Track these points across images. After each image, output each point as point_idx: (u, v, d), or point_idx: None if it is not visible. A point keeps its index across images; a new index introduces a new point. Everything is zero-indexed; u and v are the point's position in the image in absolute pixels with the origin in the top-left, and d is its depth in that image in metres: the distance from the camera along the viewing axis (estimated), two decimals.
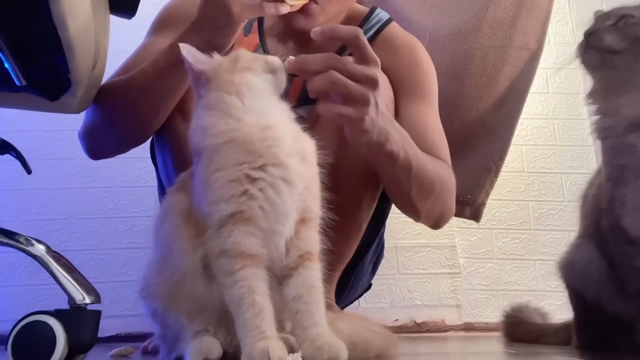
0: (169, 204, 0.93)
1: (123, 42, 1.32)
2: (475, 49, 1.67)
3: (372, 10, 1.35)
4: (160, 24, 1.31)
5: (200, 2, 1.06)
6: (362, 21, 1.33)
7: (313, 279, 0.82)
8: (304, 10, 1.19)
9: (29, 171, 1.13)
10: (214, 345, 0.87)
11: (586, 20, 2.57)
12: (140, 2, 1.16)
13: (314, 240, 0.84)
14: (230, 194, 0.80)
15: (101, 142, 1.24)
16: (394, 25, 1.35)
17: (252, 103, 0.84)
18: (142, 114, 1.16)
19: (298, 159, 0.83)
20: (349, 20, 1.32)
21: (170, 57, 1.08)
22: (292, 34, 1.31)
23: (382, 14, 1.35)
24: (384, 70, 1.26)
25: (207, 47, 1.05)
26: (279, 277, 0.84)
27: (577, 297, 1.25)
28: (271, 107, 0.85)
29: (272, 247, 0.82)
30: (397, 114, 1.24)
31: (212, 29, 1.03)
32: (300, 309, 0.81)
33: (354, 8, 1.36)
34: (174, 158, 1.20)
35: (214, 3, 1.02)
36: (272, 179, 0.80)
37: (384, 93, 1.23)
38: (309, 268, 0.82)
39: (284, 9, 1.03)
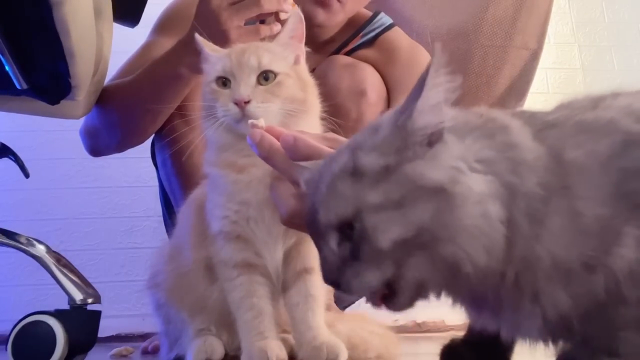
0: (195, 194, 0.94)
1: (123, 42, 1.32)
2: (475, 49, 1.67)
3: (376, 14, 1.35)
4: (164, 24, 1.31)
5: (194, 21, 1.04)
6: (364, 24, 1.33)
7: (311, 289, 0.83)
8: (325, 5, 1.20)
9: (26, 175, 1.13)
10: (216, 345, 0.87)
11: (586, 20, 2.58)
12: None
13: (313, 255, 0.83)
14: (217, 214, 0.83)
15: (100, 142, 1.25)
16: (396, 30, 1.35)
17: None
18: (139, 120, 1.17)
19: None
20: (352, 22, 1.32)
21: (168, 72, 1.09)
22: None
23: (385, 19, 1.35)
24: (380, 66, 1.26)
25: (201, 67, 1.06)
26: (281, 287, 0.85)
27: None
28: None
29: (268, 258, 0.83)
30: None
31: None
32: (296, 316, 0.82)
33: (358, 11, 1.36)
34: (173, 158, 1.20)
35: (210, 27, 1.00)
36: (248, 212, 0.81)
37: (377, 92, 1.23)
38: (307, 280, 0.83)
39: (277, 29, 1.03)
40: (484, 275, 0.49)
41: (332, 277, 0.50)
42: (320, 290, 0.84)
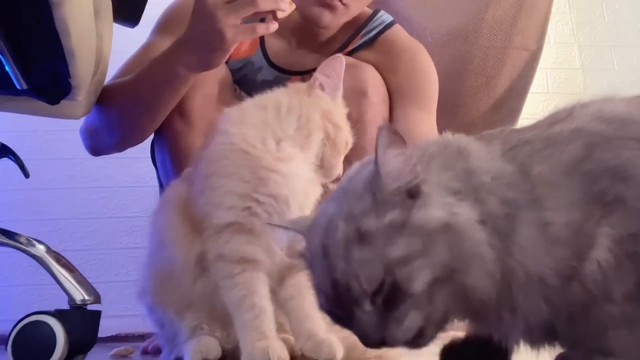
0: (168, 196, 0.94)
1: (124, 42, 1.32)
2: (475, 50, 1.67)
3: (375, 12, 1.35)
4: (165, 24, 1.31)
5: (191, 20, 1.04)
6: (364, 23, 1.33)
7: (305, 280, 0.83)
8: (331, 7, 1.21)
9: (26, 175, 1.13)
10: (211, 344, 0.87)
11: (586, 20, 2.57)
12: None
13: None
14: (230, 204, 0.81)
15: (100, 141, 1.25)
16: (396, 28, 1.35)
17: (288, 145, 0.86)
18: (138, 120, 1.17)
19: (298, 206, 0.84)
20: (352, 21, 1.32)
21: (166, 71, 1.09)
22: (301, 32, 1.31)
23: (385, 17, 1.35)
24: (382, 71, 1.26)
25: (199, 66, 1.06)
26: (277, 282, 0.85)
27: None
28: (299, 161, 0.86)
29: (272, 253, 0.83)
30: (394, 118, 1.25)
31: (204, 50, 1.03)
32: (292, 308, 0.82)
33: None
34: (173, 157, 1.20)
35: (206, 25, 1.00)
36: (276, 206, 0.82)
37: (378, 93, 1.23)
38: (300, 273, 0.83)
39: (274, 27, 1.03)
40: (490, 299, 0.52)
41: (376, 336, 0.52)
42: None
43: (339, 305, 0.53)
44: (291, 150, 0.85)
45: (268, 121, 0.86)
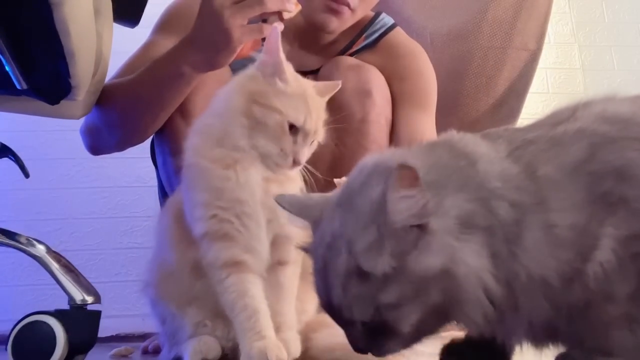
0: (170, 201, 0.95)
1: (123, 42, 1.32)
2: (475, 50, 1.68)
3: (377, 15, 1.36)
4: (165, 24, 1.30)
5: (197, 20, 1.04)
6: (367, 25, 1.34)
7: (282, 278, 0.85)
8: (337, 13, 1.22)
9: (26, 175, 1.13)
10: (212, 344, 0.87)
11: (586, 20, 2.58)
12: None
13: (288, 250, 0.85)
14: (198, 215, 0.83)
15: (100, 141, 1.25)
16: (398, 30, 1.35)
17: (230, 149, 0.83)
18: (139, 120, 1.17)
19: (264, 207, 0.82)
20: (355, 23, 1.32)
21: (171, 70, 1.08)
22: (304, 34, 1.31)
23: (386, 19, 1.36)
24: (384, 73, 1.26)
25: (205, 66, 1.06)
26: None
27: None
28: (245, 164, 0.83)
29: (261, 251, 0.84)
30: (396, 120, 1.25)
31: (211, 50, 1.03)
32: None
33: None
34: (174, 158, 1.20)
35: (213, 25, 0.99)
36: (241, 208, 0.82)
37: (382, 93, 1.24)
38: (280, 271, 0.85)
39: (281, 27, 1.03)
40: (479, 328, 0.54)
41: (364, 349, 0.56)
42: (292, 281, 0.86)
43: (334, 316, 0.56)
44: (233, 154, 0.83)
45: (206, 129, 0.86)
